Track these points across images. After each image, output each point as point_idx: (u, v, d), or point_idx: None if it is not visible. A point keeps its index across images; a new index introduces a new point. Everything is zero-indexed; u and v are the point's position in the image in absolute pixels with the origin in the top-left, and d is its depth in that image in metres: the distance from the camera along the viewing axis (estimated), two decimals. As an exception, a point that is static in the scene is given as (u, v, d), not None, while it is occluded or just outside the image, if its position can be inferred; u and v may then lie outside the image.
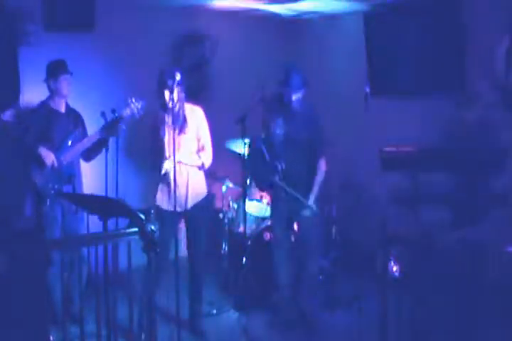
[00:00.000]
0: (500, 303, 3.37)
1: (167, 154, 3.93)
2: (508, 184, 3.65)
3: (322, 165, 4.26)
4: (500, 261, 3.39)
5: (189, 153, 3.97)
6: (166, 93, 3.82)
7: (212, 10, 5.69)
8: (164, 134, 3.94)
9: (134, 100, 3.99)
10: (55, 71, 4.14)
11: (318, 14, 5.94)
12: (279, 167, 4.15)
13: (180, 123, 3.92)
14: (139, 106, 4.00)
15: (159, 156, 3.96)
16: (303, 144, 4.19)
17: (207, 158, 4.04)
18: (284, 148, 4.20)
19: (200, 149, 4.03)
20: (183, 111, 3.93)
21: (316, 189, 4.20)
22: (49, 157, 4.02)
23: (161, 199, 4.01)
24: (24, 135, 4.08)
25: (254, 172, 4.46)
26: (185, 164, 3.95)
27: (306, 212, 4.16)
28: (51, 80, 4.15)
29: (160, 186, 4.03)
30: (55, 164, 4.04)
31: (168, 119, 3.92)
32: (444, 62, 4.96)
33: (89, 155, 4.30)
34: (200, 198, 4.06)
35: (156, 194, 4.05)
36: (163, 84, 3.80)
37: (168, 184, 3.93)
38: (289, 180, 4.14)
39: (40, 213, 3.98)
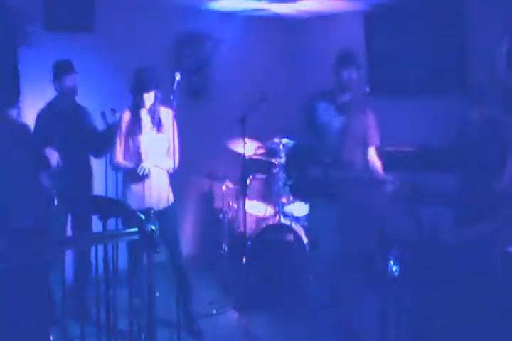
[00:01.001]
0: (501, 303, 3.37)
1: (143, 155, 3.89)
2: (509, 183, 3.65)
3: (374, 155, 4.03)
4: (502, 261, 3.39)
5: (162, 154, 3.95)
6: (146, 95, 3.83)
7: (213, 10, 5.69)
8: (140, 132, 3.92)
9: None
10: (59, 72, 4.15)
11: (318, 14, 5.95)
12: (338, 161, 3.91)
13: (157, 123, 3.92)
14: None
15: (131, 158, 3.92)
16: (359, 133, 4.00)
17: (174, 162, 4.00)
18: (340, 140, 3.98)
19: (169, 151, 4.00)
20: (159, 111, 3.93)
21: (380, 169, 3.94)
22: (54, 156, 4.02)
23: (133, 200, 3.92)
24: (31, 136, 4.08)
25: (301, 176, 4.17)
26: (159, 163, 3.93)
27: (389, 187, 3.85)
28: (56, 82, 4.17)
29: (131, 186, 3.94)
30: (60, 163, 4.03)
31: (145, 118, 3.92)
32: (445, 62, 4.97)
33: (98, 152, 4.30)
34: (171, 199, 4.01)
35: (127, 194, 3.96)
36: (144, 86, 3.80)
37: (143, 184, 3.92)
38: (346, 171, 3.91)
39: (47, 213, 3.97)
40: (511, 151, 3.70)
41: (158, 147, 3.94)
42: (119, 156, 3.94)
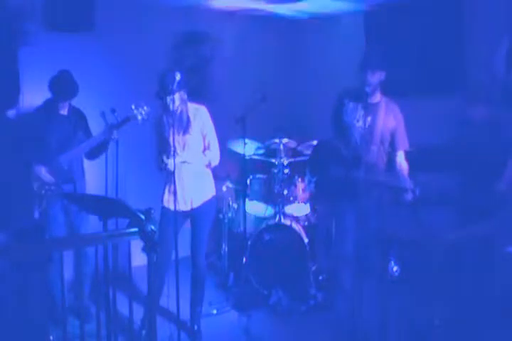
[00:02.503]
0: (502, 303, 3.37)
1: (171, 155, 3.93)
2: (509, 184, 3.65)
3: (403, 159, 3.98)
4: (502, 261, 3.39)
5: (195, 152, 3.97)
6: (172, 97, 3.83)
7: (212, 10, 5.69)
8: (169, 135, 3.93)
9: (134, 106, 3.99)
10: (60, 94, 4.17)
11: (318, 14, 5.95)
12: (361, 162, 3.84)
13: (185, 124, 3.93)
14: (144, 112, 4.00)
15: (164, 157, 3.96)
16: (385, 135, 3.97)
17: (213, 157, 4.02)
18: (365, 142, 3.93)
19: (206, 148, 4.02)
20: (187, 112, 3.94)
21: (406, 174, 3.89)
22: (46, 177, 4.04)
23: (168, 200, 4.00)
24: (23, 136, 4.08)
25: (324, 174, 4.04)
26: (192, 163, 3.95)
27: (408, 196, 3.75)
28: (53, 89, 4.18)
29: (166, 186, 4.02)
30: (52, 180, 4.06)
31: (172, 121, 3.93)
32: (445, 62, 4.97)
33: (92, 154, 4.30)
34: (206, 198, 4.05)
35: (163, 194, 4.03)
36: (165, 89, 3.80)
37: (174, 183, 3.93)
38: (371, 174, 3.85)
39: (41, 212, 3.98)
40: (511, 151, 3.69)
41: (189, 146, 3.96)
42: (159, 158, 3.99)
